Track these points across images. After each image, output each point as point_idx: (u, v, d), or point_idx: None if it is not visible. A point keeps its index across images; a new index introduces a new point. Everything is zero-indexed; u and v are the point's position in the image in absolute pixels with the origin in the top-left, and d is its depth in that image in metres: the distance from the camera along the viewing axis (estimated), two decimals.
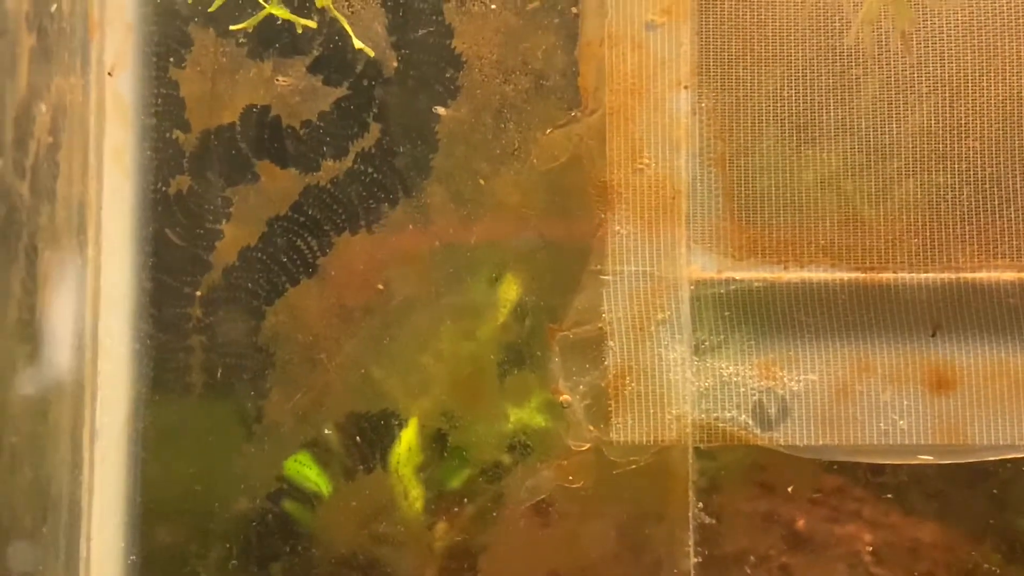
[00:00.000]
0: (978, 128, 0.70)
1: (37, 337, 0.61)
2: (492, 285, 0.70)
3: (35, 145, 0.57)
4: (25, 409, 0.62)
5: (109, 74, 0.67)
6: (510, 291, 0.70)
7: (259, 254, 0.70)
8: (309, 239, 0.70)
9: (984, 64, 0.70)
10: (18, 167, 0.55)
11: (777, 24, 0.70)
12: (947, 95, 0.70)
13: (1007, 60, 0.70)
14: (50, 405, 0.65)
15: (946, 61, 0.69)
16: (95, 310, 0.68)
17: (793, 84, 0.70)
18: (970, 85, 0.70)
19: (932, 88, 0.70)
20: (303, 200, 0.70)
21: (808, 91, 0.70)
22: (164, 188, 0.70)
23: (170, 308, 0.70)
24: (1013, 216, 0.69)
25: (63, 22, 0.62)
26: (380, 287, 0.70)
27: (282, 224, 0.70)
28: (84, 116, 0.66)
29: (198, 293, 0.70)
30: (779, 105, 0.70)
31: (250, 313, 0.70)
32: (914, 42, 0.68)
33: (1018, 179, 0.70)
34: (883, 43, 0.68)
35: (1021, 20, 0.69)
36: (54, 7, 0.61)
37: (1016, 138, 0.69)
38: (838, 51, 0.70)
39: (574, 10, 0.71)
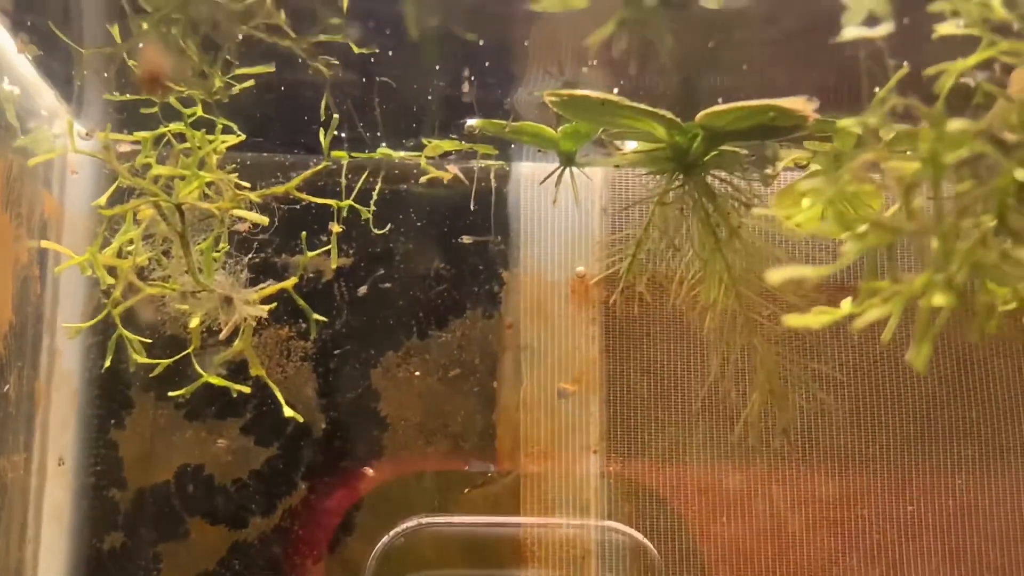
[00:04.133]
0: (867, 496, 0.75)
1: None
2: None
3: None
4: None
5: (60, 463, 0.72)
6: None
7: None
8: None
9: (870, 436, 0.75)
10: None
11: (679, 395, 0.76)
12: (837, 463, 0.75)
13: (892, 436, 0.75)
14: None
15: (834, 433, 0.75)
16: None
17: (695, 450, 0.75)
18: (858, 455, 0.75)
19: (823, 456, 0.75)
20: (231, 556, 0.74)
21: (709, 458, 0.75)
22: (99, 544, 0.73)
23: None
24: None
25: (10, 407, 0.66)
26: None
27: None
28: (25, 486, 0.70)
29: None
30: (682, 470, 0.75)
31: None
32: (794, 436, 0.74)
33: (902, 548, 0.74)
34: (767, 436, 0.74)
35: (895, 387, 0.76)
36: (5, 388, 0.66)
37: (901, 506, 0.75)
38: (736, 420, 0.75)
39: (494, 384, 0.76)
